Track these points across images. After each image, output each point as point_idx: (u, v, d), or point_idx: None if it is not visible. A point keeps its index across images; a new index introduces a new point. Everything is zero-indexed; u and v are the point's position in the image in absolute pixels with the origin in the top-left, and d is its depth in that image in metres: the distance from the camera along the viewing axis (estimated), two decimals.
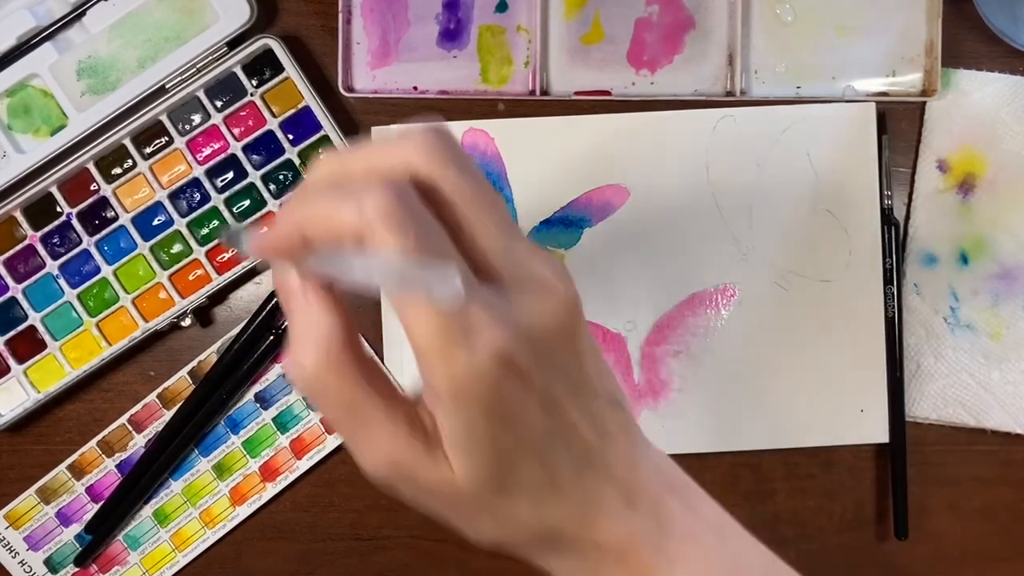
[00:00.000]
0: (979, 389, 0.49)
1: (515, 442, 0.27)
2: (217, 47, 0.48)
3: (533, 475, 0.28)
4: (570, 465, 0.29)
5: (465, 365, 0.26)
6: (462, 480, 0.28)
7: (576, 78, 0.50)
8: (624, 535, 0.30)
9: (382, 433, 0.28)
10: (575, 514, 0.30)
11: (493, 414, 0.27)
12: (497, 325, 0.26)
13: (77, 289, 0.49)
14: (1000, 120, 0.49)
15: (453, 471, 0.28)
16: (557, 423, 0.28)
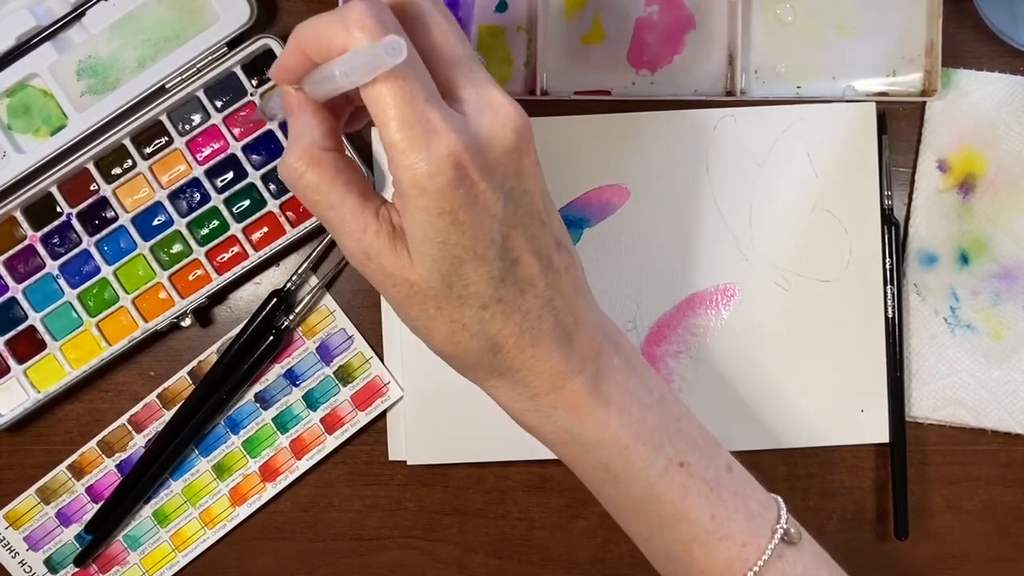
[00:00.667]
0: (979, 389, 0.49)
1: (463, 246, 0.31)
2: (217, 47, 0.48)
3: (479, 282, 0.32)
4: (513, 282, 0.33)
5: (423, 162, 0.30)
6: (418, 274, 0.32)
7: (576, 78, 0.50)
8: (561, 365, 0.34)
9: (355, 225, 0.32)
10: (516, 331, 0.33)
11: (444, 213, 0.31)
12: (453, 132, 0.30)
13: (77, 289, 0.49)
14: (1000, 120, 0.49)
15: (409, 265, 0.32)
16: (503, 239, 0.32)
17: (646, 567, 0.51)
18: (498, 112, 0.32)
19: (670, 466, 0.35)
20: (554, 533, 0.51)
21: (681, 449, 0.36)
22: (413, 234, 0.32)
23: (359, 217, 0.32)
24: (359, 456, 0.51)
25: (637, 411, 0.35)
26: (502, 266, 0.32)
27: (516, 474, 0.51)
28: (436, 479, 0.51)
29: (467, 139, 0.30)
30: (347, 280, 0.50)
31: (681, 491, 0.35)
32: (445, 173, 0.30)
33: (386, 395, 0.50)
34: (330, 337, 0.50)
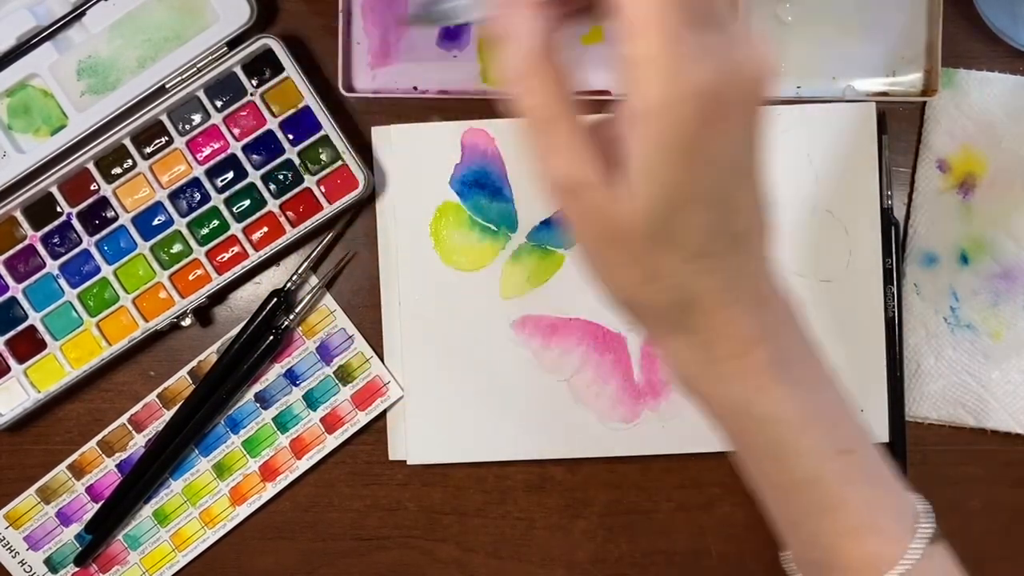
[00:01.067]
0: (979, 389, 0.49)
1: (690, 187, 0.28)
2: (217, 47, 0.48)
3: (694, 230, 0.29)
4: (727, 236, 0.30)
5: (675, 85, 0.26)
6: (629, 212, 0.28)
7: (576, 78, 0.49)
8: (750, 331, 0.31)
9: (570, 147, 0.29)
10: (715, 288, 0.30)
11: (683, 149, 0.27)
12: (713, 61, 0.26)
13: (77, 289, 0.49)
14: (1000, 120, 0.49)
15: (627, 199, 0.28)
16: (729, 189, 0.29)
17: (645, 567, 0.51)
18: (753, 52, 0.28)
19: (837, 452, 0.34)
20: (554, 533, 0.51)
21: (848, 435, 0.34)
22: (639, 166, 0.28)
23: (577, 138, 0.29)
24: (359, 456, 0.51)
25: (815, 390, 0.33)
26: (721, 216, 0.29)
27: (516, 474, 0.51)
28: (436, 479, 0.51)
29: (724, 73, 0.27)
30: (347, 280, 0.50)
31: (843, 478, 0.34)
32: (695, 103, 0.26)
33: (386, 395, 0.50)
34: (330, 337, 0.50)
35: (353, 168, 0.48)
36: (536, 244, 0.49)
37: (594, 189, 0.29)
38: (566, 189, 0.29)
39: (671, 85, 0.26)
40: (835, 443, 0.34)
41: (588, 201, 0.29)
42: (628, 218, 0.29)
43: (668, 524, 0.50)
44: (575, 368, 0.49)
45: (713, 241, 0.30)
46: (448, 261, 0.49)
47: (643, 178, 0.28)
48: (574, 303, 0.49)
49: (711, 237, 0.29)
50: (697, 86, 0.26)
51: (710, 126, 0.27)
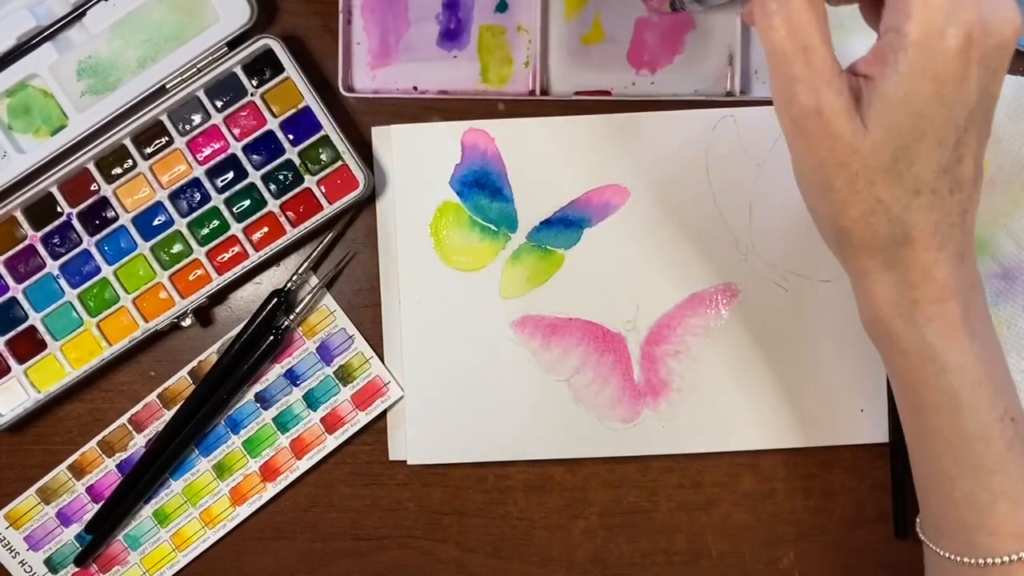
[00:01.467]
0: None
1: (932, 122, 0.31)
2: (217, 47, 0.48)
3: (925, 166, 0.31)
4: (951, 178, 0.32)
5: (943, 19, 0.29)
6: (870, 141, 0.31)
7: (576, 78, 0.50)
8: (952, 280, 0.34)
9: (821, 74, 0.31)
10: (931, 229, 0.33)
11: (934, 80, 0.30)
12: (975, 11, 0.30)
13: (77, 289, 0.49)
14: (1000, 120, 0.49)
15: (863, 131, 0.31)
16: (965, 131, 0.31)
17: (645, 567, 0.51)
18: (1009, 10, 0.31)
19: (1005, 416, 0.35)
20: (554, 533, 0.51)
21: (1015, 403, 0.36)
22: (889, 94, 0.31)
23: (830, 66, 0.31)
24: (359, 456, 0.51)
25: (994, 351, 0.35)
26: (951, 157, 0.31)
27: (516, 474, 0.51)
28: (436, 479, 0.51)
29: (984, 16, 0.30)
30: (347, 280, 0.50)
31: (1009, 442, 0.35)
32: (957, 39, 0.29)
33: (386, 395, 0.50)
34: (330, 337, 0.50)
35: (353, 168, 0.48)
36: (536, 244, 0.49)
37: (839, 115, 0.31)
38: (812, 114, 0.31)
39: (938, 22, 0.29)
40: (1005, 408, 0.35)
41: (832, 128, 0.31)
42: (867, 147, 0.31)
43: (668, 524, 0.50)
44: (575, 368, 0.49)
45: (939, 180, 0.32)
46: (448, 261, 0.49)
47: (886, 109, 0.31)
48: (574, 303, 0.49)
49: (938, 176, 0.32)
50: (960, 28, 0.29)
51: (962, 68, 0.30)
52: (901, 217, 0.32)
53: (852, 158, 0.31)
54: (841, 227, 0.34)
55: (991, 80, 0.31)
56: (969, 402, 0.35)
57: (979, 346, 0.34)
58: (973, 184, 0.33)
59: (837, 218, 0.33)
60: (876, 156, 0.31)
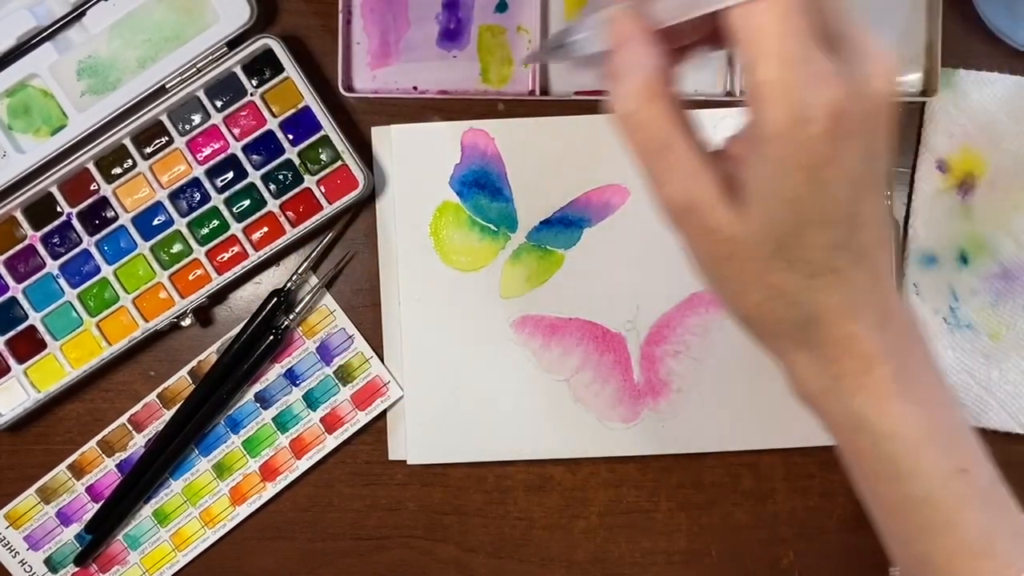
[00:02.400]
0: (979, 389, 0.49)
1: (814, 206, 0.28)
2: (217, 47, 0.48)
3: (818, 248, 0.29)
4: (851, 251, 0.30)
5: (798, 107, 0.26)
6: (749, 232, 0.29)
7: (576, 78, 0.50)
8: (875, 348, 0.31)
9: (685, 170, 0.29)
10: (841, 304, 0.30)
11: (804, 168, 0.27)
12: (838, 78, 0.26)
13: (77, 289, 0.49)
14: (1000, 120, 0.49)
15: (745, 219, 0.29)
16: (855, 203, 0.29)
17: (645, 567, 0.51)
18: (877, 62, 0.28)
19: (954, 472, 0.33)
20: (554, 533, 0.51)
21: (965, 455, 0.34)
22: (758, 187, 0.28)
23: (693, 162, 0.29)
24: (359, 456, 0.51)
25: (935, 409, 0.33)
26: (845, 233, 0.29)
27: (516, 474, 0.51)
28: (436, 479, 0.51)
29: (848, 92, 0.27)
30: (347, 280, 0.50)
31: (959, 499, 0.33)
32: (820, 123, 0.26)
33: (386, 395, 0.50)
34: (330, 337, 0.50)
35: (353, 168, 0.48)
36: (536, 244, 0.49)
37: (711, 209, 0.29)
38: (685, 210, 0.30)
39: (795, 108, 0.26)
40: (951, 463, 0.33)
41: (707, 222, 0.29)
42: (748, 238, 0.29)
43: (668, 524, 0.50)
44: (575, 368, 0.49)
45: (836, 258, 0.30)
46: (448, 261, 0.49)
47: (759, 200, 0.28)
48: (574, 303, 0.49)
49: (834, 254, 0.29)
50: (821, 108, 0.26)
51: (834, 146, 0.27)
52: (804, 301, 0.30)
53: (736, 249, 0.29)
54: (743, 315, 0.32)
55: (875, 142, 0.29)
56: (910, 467, 0.33)
57: (916, 406, 0.32)
58: (879, 246, 0.31)
59: (737, 307, 0.32)
60: (760, 246, 0.29)
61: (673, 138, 0.29)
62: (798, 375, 0.33)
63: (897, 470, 0.33)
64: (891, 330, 0.32)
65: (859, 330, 0.31)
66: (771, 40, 0.26)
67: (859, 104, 0.27)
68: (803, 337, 0.31)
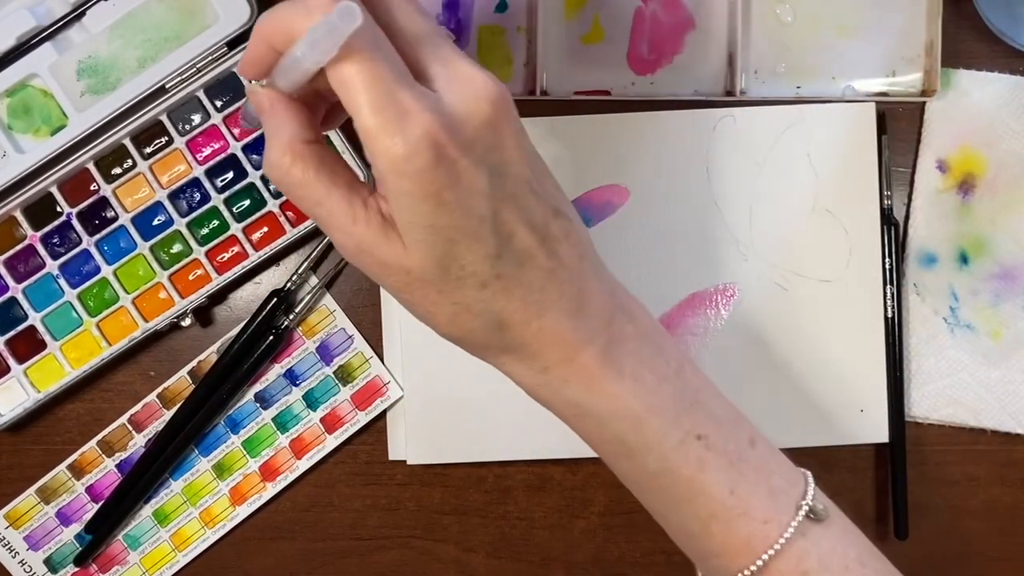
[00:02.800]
0: (979, 389, 0.49)
1: (453, 227, 0.30)
2: (217, 47, 0.48)
3: (476, 262, 0.31)
4: (510, 257, 0.32)
5: (398, 145, 0.29)
6: (414, 261, 0.31)
7: (576, 78, 0.50)
8: (570, 336, 0.33)
9: (344, 218, 0.31)
10: (520, 306, 0.32)
11: (428, 196, 0.30)
12: (426, 111, 0.29)
13: (77, 289, 0.49)
14: (1000, 120, 0.49)
15: (403, 252, 0.31)
16: (493, 214, 0.31)
17: (645, 567, 0.51)
18: (469, 84, 0.30)
19: (686, 439, 0.34)
20: (554, 533, 0.51)
21: (699, 421, 0.35)
22: (401, 220, 0.31)
23: (347, 209, 0.31)
24: (359, 456, 0.51)
25: (651, 382, 0.34)
26: (496, 242, 0.31)
27: (516, 474, 0.51)
28: (436, 479, 0.51)
29: (441, 116, 0.29)
30: (347, 280, 0.50)
31: (698, 464, 0.34)
32: (423, 154, 0.29)
33: (386, 395, 0.50)
34: (330, 337, 0.50)
35: (353, 168, 0.48)
36: None
37: (375, 248, 0.31)
38: (356, 253, 0.32)
39: (395, 147, 0.29)
40: (682, 431, 0.34)
41: (376, 258, 0.32)
42: (416, 267, 0.31)
43: None
44: None
45: (498, 265, 0.32)
46: None
47: (407, 232, 0.31)
48: None
49: (494, 263, 0.31)
50: (417, 141, 0.29)
51: (446, 170, 0.29)
52: (484, 310, 0.32)
53: (410, 277, 0.32)
54: (442, 333, 0.34)
55: (497, 156, 0.31)
56: (638, 443, 0.34)
57: (630, 383, 0.34)
58: (542, 245, 0.32)
59: (436, 327, 0.34)
60: (426, 271, 0.31)
61: (323, 193, 0.31)
62: (515, 377, 0.35)
63: (628, 447, 0.34)
64: (587, 314, 0.33)
65: (548, 323, 0.33)
66: (359, 92, 0.29)
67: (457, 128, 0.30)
68: (500, 341, 0.33)
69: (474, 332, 0.33)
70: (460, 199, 0.30)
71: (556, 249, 0.33)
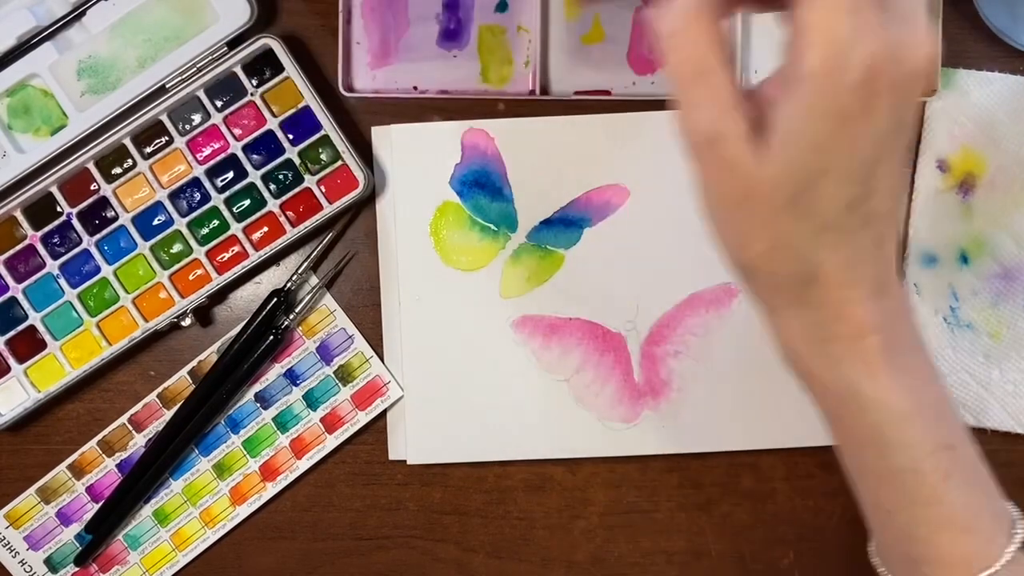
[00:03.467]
0: (979, 389, 0.49)
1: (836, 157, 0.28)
2: (217, 47, 0.48)
3: (831, 202, 0.29)
4: (861, 213, 0.30)
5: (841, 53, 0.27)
6: (769, 175, 0.29)
7: (576, 78, 0.50)
8: (869, 316, 0.31)
9: (717, 100, 0.29)
10: (842, 266, 0.30)
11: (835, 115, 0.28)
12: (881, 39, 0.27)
13: (77, 289, 0.49)
14: (1000, 120, 0.49)
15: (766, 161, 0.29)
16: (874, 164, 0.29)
17: (645, 567, 0.51)
18: (918, 31, 0.28)
19: (939, 446, 0.33)
20: (554, 533, 0.51)
21: (951, 431, 0.34)
22: (787, 128, 0.28)
23: (726, 92, 0.29)
24: (359, 456, 0.51)
25: (922, 382, 0.33)
26: (860, 192, 0.29)
27: (516, 474, 0.51)
28: (436, 479, 0.51)
29: (890, 52, 0.27)
30: (347, 280, 0.50)
31: (944, 474, 0.33)
32: (859, 72, 0.27)
33: (386, 395, 0.50)
34: (330, 337, 0.50)
35: (353, 168, 0.48)
36: (536, 244, 0.49)
37: (736, 144, 0.29)
38: (708, 141, 0.29)
39: (839, 54, 0.27)
40: (937, 438, 0.34)
41: (728, 156, 0.29)
42: (766, 180, 0.29)
43: (668, 524, 0.50)
44: (575, 368, 0.49)
45: (847, 216, 0.30)
46: (448, 261, 0.49)
47: (791, 141, 0.28)
48: (574, 303, 0.49)
49: (845, 211, 0.29)
50: (863, 59, 0.27)
51: (866, 101, 0.28)
52: (807, 254, 0.30)
53: (752, 190, 0.29)
54: (745, 262, 0.32)
55: (903, 109, 0.29)
56: (896, 438, 0.33)
57: (905, 379, 0.33)
58: (889, 216, 0.31)
59: (740, 252, 0.32)
60: (777, 190, 0.29)
61: (711, 65, 0.29)
62: (789, 334, 0.33)
63: (884, 440, 0.34)
64: (885, 302, 0.32)
65: (855, 296, 0.31)
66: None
67: (899, 64, 0.28)
68: (800, 294, 0.31)
69: (780, 274, 0.31)
70: (860, 134, 0.28)
71: (892, 224, 0.32)
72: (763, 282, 0.32)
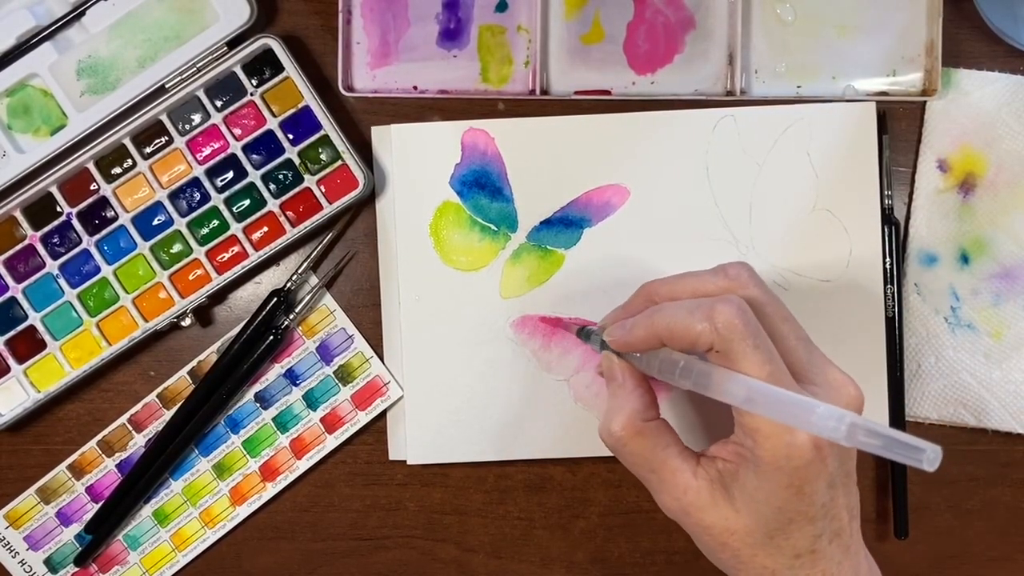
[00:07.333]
0: (979, 389, 0.49)
1: (798, 511, 0.34)
2: (217, 47, 0.48)
3: (801, 538, 0.35)
4: (827, 535, 0.35)
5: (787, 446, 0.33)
6: (742, 525, 0.35)
7: (576, 78, 0.50)
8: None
9: (674, 487, 0.36)
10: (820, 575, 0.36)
11: (791, 486, 0.34)
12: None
13: (77, 289, 0.49)
14: (1000, 120, 0.49)
15: (733, 516, 0.35)
16: (830, 500, 0.35)
17: (645, 567, 0.51)
18: (842, 391, 0.35)
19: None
20: (554, 533, 0.51)
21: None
22: (752, 495, 0.34)
23: (678, 479, 0.36)
24: (359, 456, 0.51)
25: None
26: (824, 524, 0.35)
27: (516, 474, 0.51)
28: (436, 479, 0.51)
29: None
30: (347, 280, 0.50)
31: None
32: (806, 455, 0.33)
33: (386, 395, 0.50)
34: (330, 337, 0.50)
35: (353, 168, 0.48)
36: (536, 244, 0.49)
37: (704, 512, 0.35)
38: (680, 514, 0.36)
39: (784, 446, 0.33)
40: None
41: (700, 521, 0.36)
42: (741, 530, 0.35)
43: (668, 524, 0.50)
44: (575, 368, 0.49)
45: (816, 542, 0.35)
46: (448, 261, 0.49)
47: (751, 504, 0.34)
48: (574, 303, 0.49)
49: (815, 539, 0.35)
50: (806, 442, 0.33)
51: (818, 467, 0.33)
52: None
53: (730, 539, 0.35)
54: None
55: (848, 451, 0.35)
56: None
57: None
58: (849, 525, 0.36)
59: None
60: (751, 535, 0.35)
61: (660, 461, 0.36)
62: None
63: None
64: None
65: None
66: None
67: None
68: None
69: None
70: (815, 491, 0.34)
71: (855, 527, 0.37)
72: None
